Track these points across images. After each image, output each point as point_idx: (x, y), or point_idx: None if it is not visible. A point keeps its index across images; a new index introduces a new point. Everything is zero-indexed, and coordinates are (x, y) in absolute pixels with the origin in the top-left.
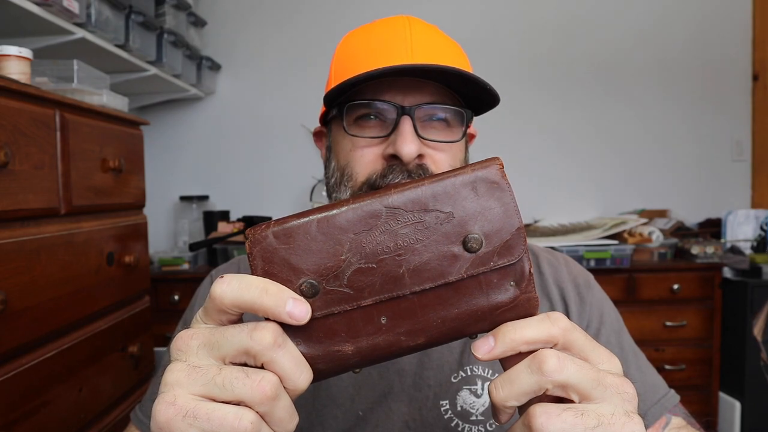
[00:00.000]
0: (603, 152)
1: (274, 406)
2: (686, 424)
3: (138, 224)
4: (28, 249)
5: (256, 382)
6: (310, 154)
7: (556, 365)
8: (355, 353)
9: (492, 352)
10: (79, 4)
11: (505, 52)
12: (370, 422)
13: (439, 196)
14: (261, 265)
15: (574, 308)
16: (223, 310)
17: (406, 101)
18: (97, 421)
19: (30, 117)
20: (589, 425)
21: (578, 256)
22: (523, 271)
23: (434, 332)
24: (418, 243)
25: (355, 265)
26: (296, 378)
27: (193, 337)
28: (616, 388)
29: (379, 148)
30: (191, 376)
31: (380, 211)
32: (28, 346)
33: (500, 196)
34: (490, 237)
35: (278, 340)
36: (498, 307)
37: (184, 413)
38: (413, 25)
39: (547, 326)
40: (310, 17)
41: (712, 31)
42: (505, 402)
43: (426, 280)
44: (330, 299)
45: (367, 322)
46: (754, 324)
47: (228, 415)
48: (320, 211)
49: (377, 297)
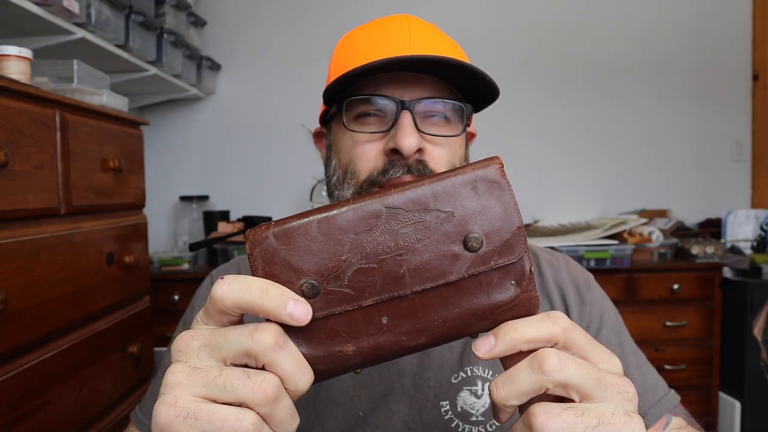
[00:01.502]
0: (603, 152)
1: (275, 408)
2: (686, 425)
3: (138, 224)
4: (28, 249)
5: (257, 383)
6: (310, 154)
7: (557, 364)
8: (357, 354)
9: (492, 351)
10: (79, 4)
11: (505, 52)
12: (371, 423)
13: (439, 195)
14: (261, 266)
15: (574, 308)
16: (224, 311)
17: (405, 96)
18: (97, 421)
19: (30, 117)
20: (590, 424)
21: (578, 256)
22: (523, 270)
23: (435, 332)
24: (418, 243)
25: (356, 266)
26: (297, 379)
27: (194, 338)
28: (616, 387)
29: (380, 144)
30: (192, 377)
31: (380, 211)
32: (28, 346)
33: (500, 195)
34: (491, 236)
35: (279, 341)
36: (499, 306)
37: (185, 415)
38: (412, 23)
39: (548, 325)
40: (310, 17)
41: (711, 31)
42: (506, 401)
43: (427, 279)
44: (331, 300)
45: (368, 322)
46: (754, 324)
47: (229, 417)
48: (320, 211)
49: (378, 297)
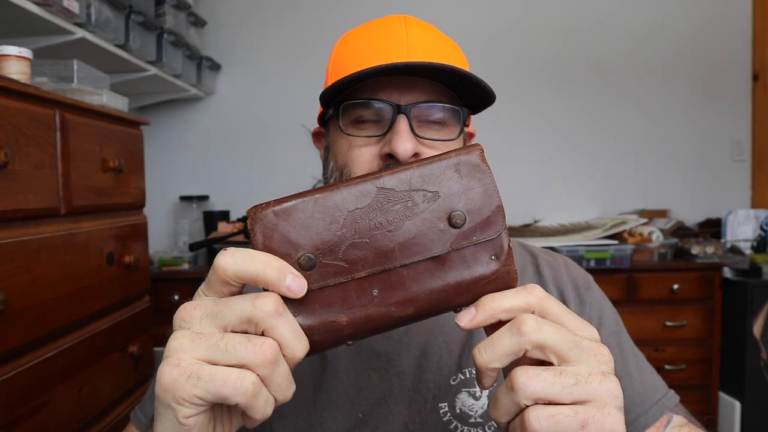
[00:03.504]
0: (603, 152)
1: (273, 370)
2: (687, 422)
3: (138, 224)
4: (28, 249)
5: (258, 346)
6: (310, 154)
7: (534, 326)
8: (349, 324)
9: (474, 321)
10: (79, 4)
11: (508, 52)
12: (370, 424)
13: (426, 177)
14: (261, 240)
15: (574, 309)
16: (226, 281)
17: (401, 100)
18: (97, 421)
19: (30, 117)
20: (567, 383)
21: (578, 256)
22: (502, 246)
23: (423, 303)
24: (407, 219)
25: (350, 240)
26: (294, 346)
27: (197, 308)
28: (592, 351)
29: (376, 148)
30: (195, 341)
31: (372, 191)
32: (28, 346)
33: (481, 177)
34: (473, 213)
35: (279, 308)
36: (480, 280)
37: (189, 374)
38: (409, 24)
39: (524, 295)
40: (310, 17)
41: (712, 32)
42: (488, 364)
43: (415, 253)
44: (326, 272)
45: (360, 294)
46: (754, 324)
47: (231, 376)
48: (317, 191)
49: (370, 270)
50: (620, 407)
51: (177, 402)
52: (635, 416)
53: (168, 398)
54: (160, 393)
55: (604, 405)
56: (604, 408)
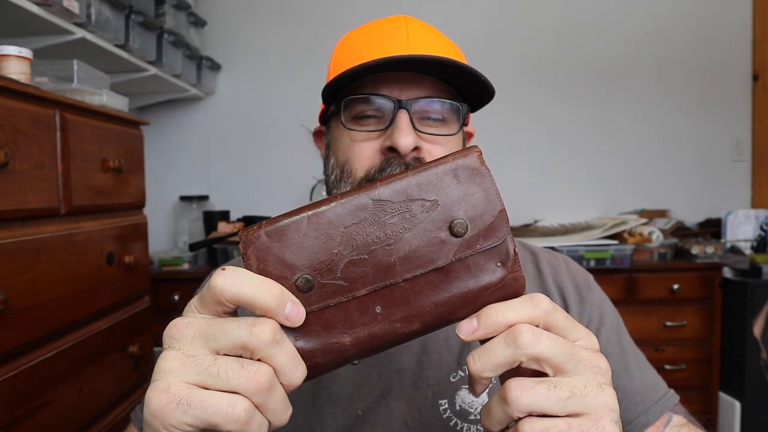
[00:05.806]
0: (603, 152)
1: (268, 397)
2: (687, 422)
3: (138, 224)
4: (28, 249)
5: (252, 373)
6: (310, 154)
7: (530, 339)
8: (353, 344)
9: (475, 334)
10: (79, 4)
11: (508, 52)
12: (370, 421)
13: (423, 185)
14: (256, 264)
15: (574, 308)
16: (221, 302)
17: (402, 95)
18: (97, 421)
19: (30, 117)
20: (562, 396)
21: (578, 256)
22: (508, 252)
23: (428, 318)
24: (406, 231)
25: (348, 257)
26: (291, 374)
27: (188, 326)
28: (589, 362)
29: (377, 142)
30: (185, 364)
31: (368, 204)
32: (28, 346)
33: (481, 181)
34: (475, 221)
35: (277, 336)
36: (487, 288)
37: (178, 401)
38: (410, 23)
39: (529, 309)
40: (310, 17)
41: (712, 32)
42: (482, 373)
43: (416, 266)
44: (325, 292)
45: (362, 312)
46: (754, 324)
47: (222, 403)
48: (310, 208)
49: (371, 287)
50: (615, 420)
51: (166, 429)
52: (635, 415)
53: (157, 424)
54: (149, 418)
55: (599, 418)
56: (598, 422)
